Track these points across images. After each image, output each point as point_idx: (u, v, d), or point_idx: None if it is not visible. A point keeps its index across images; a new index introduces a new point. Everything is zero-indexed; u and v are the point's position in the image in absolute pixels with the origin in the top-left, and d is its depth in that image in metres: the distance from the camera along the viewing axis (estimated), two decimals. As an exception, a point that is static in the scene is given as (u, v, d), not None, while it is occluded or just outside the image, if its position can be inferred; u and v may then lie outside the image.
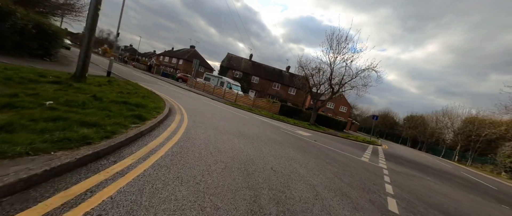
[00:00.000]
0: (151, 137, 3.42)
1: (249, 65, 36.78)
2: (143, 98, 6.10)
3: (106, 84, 6.30)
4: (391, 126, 58.34)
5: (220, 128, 5.76)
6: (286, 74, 37.43)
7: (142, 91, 7.67)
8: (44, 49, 7.79)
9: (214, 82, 26.16)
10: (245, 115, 11.61)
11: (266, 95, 34.56)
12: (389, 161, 8.89)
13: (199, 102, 11.18)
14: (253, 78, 35.08)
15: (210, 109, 9.46)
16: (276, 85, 35.21)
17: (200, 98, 14.66)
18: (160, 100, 7.01)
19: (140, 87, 8.97)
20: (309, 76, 18.51)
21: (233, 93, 22.00)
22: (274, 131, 8.27)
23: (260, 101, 21.39)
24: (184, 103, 8.81)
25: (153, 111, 4.82)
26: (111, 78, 8.17)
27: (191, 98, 12.11)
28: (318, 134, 13.30)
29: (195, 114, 6.97)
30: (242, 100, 21.28)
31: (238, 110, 13.72)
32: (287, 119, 16.66)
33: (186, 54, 45.89)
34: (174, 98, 9.85)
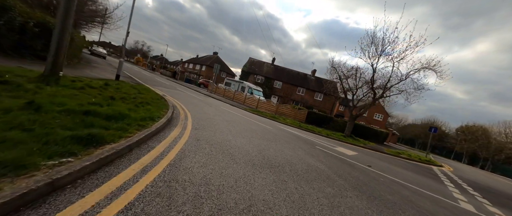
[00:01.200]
0: (79, 191, 1.66)
1: (271, 69, 34.99)
2: (137, 106, 4.63)
3: (95, 88, 5.03)
4: (438, 138, 49.53)
5: (234, 150, 3.87)
6: (311, 78, 34.49)
7: (146, 96, 6.34)
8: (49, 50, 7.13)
9: (235, 87, 24.95)
10: (269, 125, 9.62)
11: (289, 100, 32.09)
12: (497, 204, 5.81)
13: (215, 109, 9.61)
14: (275, 83, 33.07)
15: (227, 118, 7.74)
16: (301, 90, 32.50)
17: (218, 104, 13.22)
18: (162, 107, 5.52)
19: (148, 92, 7.77)
20: (342, 78, 15.68)
21: (254, 98, 20.30)
22: (310, 151, 6.06)
23: (284, 108, 19.18)
24: (196, 111, 7.28)
25: (135, 124, 3.19)
26: (113, 81, 7.08)
27: (207, 105, 10.66)
28: (363, 151, 10.48)
29: (204, 126, 5.25)
30: (264, 106, 19.38)
31: (260, 119, 11.80)
32: (317, 129, 14.08)
33: (209, 60, 46.45)
34: (187, 104, 8.45)
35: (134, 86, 7.66)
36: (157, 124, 3.68)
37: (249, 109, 15.82)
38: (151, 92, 7.86)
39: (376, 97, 14.45)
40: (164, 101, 6.84)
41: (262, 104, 19.62)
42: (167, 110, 5.35)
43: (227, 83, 26.65)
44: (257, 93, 23.66)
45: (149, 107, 4.98)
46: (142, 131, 3.07)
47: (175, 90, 13.62)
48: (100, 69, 12.09)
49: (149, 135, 3.15)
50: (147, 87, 8.90)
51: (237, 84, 25.16)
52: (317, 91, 32.00)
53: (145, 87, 8.59)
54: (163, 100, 7.16)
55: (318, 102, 32.02)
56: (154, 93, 7.76)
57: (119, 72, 8.15)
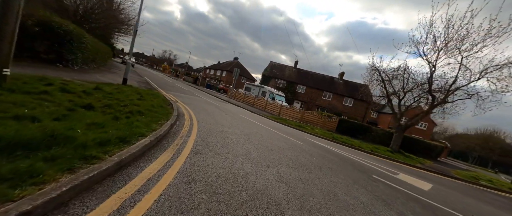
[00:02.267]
0: None
1: (294, 73, 32.82)
2: (117, 118, 3.26)
3: (73, 93, 3.84)
4: (503, 152, 40.45)
5: (255, 203, 2.12)
6: (339, 82, 31.24)
7: (145, 104, 5.09)
8: (56, 52, 6.52)
9: (255, 92, 23.49)
10: (297, 138, 7.68)
11: (314, 106, 29.35)
12: None
13: (232, 118, 8.08)
14: (298, 87, 30.72)
15: (245, 130, 6.09)
16: (327, 95, 29.51)
17: (236, 111, 11.76)
18: (160, 118, 4.14)
19: (154, 98, 6.61)
20: (386, 80, 12.86)
21: (276, 104, 18.46)
22: (373, 189, 3.98)
23: (311, 115, 16.88)
24: (207, 121, 5.80)
25: (95, 152, 1.71)
26: (112, 86, 6.04)
27: (223, 112, 9.22)
28: (430, 177, 7.76)
29: (212, 145, 3.65)
30: (287, 113, 17.38)
31: (285, 129, 9.90)
32: (354, 142, 11.52)
33: (229, 66, 46.36)
34: (199, 111, 7.09)
35: (139, 91, 6.58)
36: (124, 153, 2.16)
37: (271, 117, 14.02)
38: (158, 98, 6.69)
39: (435, 102, 11.25)
40: (169, 109, 5.52)
41: (285, 110, 17.66)
42: (164, 123, 3.91)
43: (247, 88, 25.39)
44: (279, 98, 21.78)
45: (138, 118, 3.60)
46: (100, 163, 1.54)
47: (191, 96, 12.63)
48: (116, 74, 11.72)
49: (108, 175, 1.61)
50: (156, 93, 7.84)
51: (257, 89, 23.69)
52: (346, 95, 28.66)
53: (154, 93, 7.52)
54: (170, 107, 5.87)
55: (347, 108, 28.59)
56: (161, 100, 6.57)
57: (126, 75, 7.26)
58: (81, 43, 7.51)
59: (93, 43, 9.51)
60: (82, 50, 7.85)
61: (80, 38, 7.28)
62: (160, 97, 7.14)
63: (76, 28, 6.98)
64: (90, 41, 8.69)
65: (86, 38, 7.88)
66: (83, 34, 7.53)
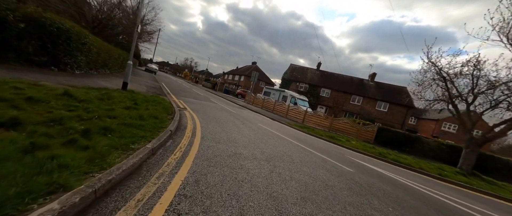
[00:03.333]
0: None
1: (316, 75, 30.23)
2: (66, 145, 1.79)
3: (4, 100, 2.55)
4: None
5: None
6: (370, 84, 27.70)
7: (138, 114, 3.73)
8: (50, 54, 5.68)
9: (275, 96, 21.68)
10: (336, 157, 5.64)
11: (341, 111, 26.28)
12: None
13: (249, 129, 6.41)
14: (322, 91, 28.01)
15: (266, 149, 4.34)
16: (356, 99, 26.22)
17: (255, 119, 10.10)
18: (144, 135, 2.68)
19: (156, 105, 5.32)
20: (447, 79, 9.94)
21: (299, 110, 16.37)
22: None
23: (342, 122, 14.38)
24: (217, 134, 4.21)
25: None
26: (99, 91, 4.83)
27: (239, 121, 7.63)
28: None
29: (212, 193, 1.96)
30: (313, 120, 15.15)
31: (315, 142, 7.87)
32: (410, 160, 8.86)
33: (247, 70, 45.50)
34: (209, 121, 5.58)
35: (136, 98, 5.33)
36: None
37: (295, 125, 12.04)
38: (158, 105, 5.36)
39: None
40: (167, 121, 4.08)
41: (310, 117, 15.46)
42: (138, 149, 2.39)
43: (266, 92, 23.72)
44: (302, 103, 19.62)
45: (95, 141, 2.13)
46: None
47: (206, 102, 11.39)
48: (129, 80, 11.03)
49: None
50: (160, 99, 6.60)
51: (277, 93, 21.86)
52: (380, 99, 25.06)
53: (157, 99, 6.27)
54: (169, 118, 4.45)
55: (382, 113, 24.92)
56: (162, 108, 5.22)
57: (126, 79, 6.17)
58: (82, 44, 6.70)
59: (102, 46, 8.85)
60: (84, 53, 7.06)
61: (80, 38, 6.46)
62: (163, 104, 5.84)
63: (74, 27, 6.15)
64: (96, 44, 7.96)
65: (89, 39, 7.08)
66: (84, 34, 6.72)
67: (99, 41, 8.53)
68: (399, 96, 25.12)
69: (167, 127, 3.67)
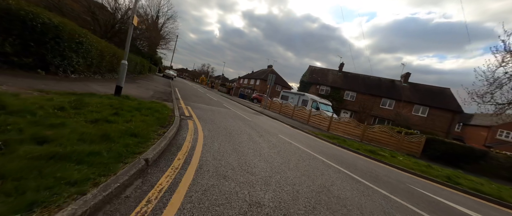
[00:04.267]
0: None
1: (339, 77, 27.65)
2: None
3: None
4: None
5: None
6: (403, 86, 24.32)
7: (103, 130, 2.44)
8: (34, 54, 4.83)
9: (294, 100, 19.85)
10: (398, 193, 3.78)
11: (368, 116, 23.33)
12: None
13: (268, 143, 4.84)
14: (346, 94, 25.32)
15: (293, 181, 2.73)
16: (387, 103, 23.06)
17: (274, 127, 8.51)
18: (112, 165, 1.26)
19: (150, 114, 4.09)
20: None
21: (323, 116, 14.34)
22: None
23: (377, 131, 12.04)
24: (222, 159, 2.74)
25: None
26: (61, 96, 3.66)
27: (255, 131, 6.12)
28: None
29: None
30: (340, 127, 13.02)
31: (348, 156, 5.98)
32: (494, 187, 6.45)
33: (263, 74, 44.21)
34: (216, 136, 4.17)
35: (122, 106, 4.14)
36: None
37: (320, 134, 10.16)
38: (150, 116, 4.11)
39: None
40: (151, 139, 2.74)
41: (336, 124, 13.34)
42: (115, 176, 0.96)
43: (284, 96, 21.98)
44: (324, 107, 17.52)
45: None
46: None
47: (218, 108, 10.15)
48: (137, 87, 10.28)
49: None
50: (158, 107, 5.39)
51: (296, 97, 20.01)
52: (418, 103, 21.65)
53: (154, 107, 5.06)
54: (156, 137, 3.13)
55: (420, 119, 21.44)
56: (155, 120, 3.96)
57: (120, 82, 5.09)
58: (77, 44, 5.86)
59: (107, 49, 8.12)
60: (81, 54, 6.24)
61: (73, 37, 5.62)
62: (160, 113, 4.59)
63: (64, 23, 5.29)
64: (98, 45, 7.18)
65: (87, 38, 6.26)
66: (79, 32, 5.88)
67: (103, 43, 7.81)
68: (442, 99, 21.49)
69: (143, 153, 2.30)
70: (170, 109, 5.71)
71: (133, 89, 7.95)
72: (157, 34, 30.30)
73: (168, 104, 6.36)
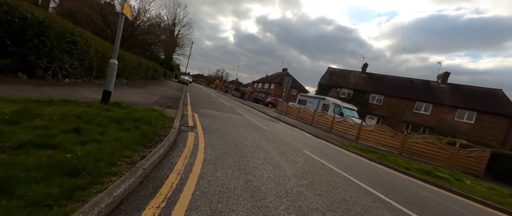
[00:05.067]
0: None
1: (362, 79, 25.16)
2: None
3: None
4: None
5: None
6: (441, 87, 21.14)
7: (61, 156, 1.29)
8: (13, 55, 4.11)
9: (313, 105, 18.07)
10: None
11: (400, 122, 20.53)
12: None
13: (292, 164, 3.45)
14: (372, 97, 22.76)
15: None
16: (423, 107, 20.07)
17: (295, 138, 7.04)
18: None
19: (141, 125, 3.02)
20: None
21: (350, 123, 12.45)
22: None
23: (420, 142, 9.86)
24: (227, 204, 1.47)
25: None
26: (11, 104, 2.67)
27: (273, 145, 4.75)
28: None
29: None
30: (372, 137, 11.04)
31: (400, 180, 4.26)
32: None
33: (278, 77, 42.77)
34: (222, 156, 2.92)
35: (96, 117, 3.10)
36: None
37: (350, 145, 8.43)
38: (136, 129, 3.03)
39: None
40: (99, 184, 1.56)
41: (366, 133, 11.38)
42: None
43: (301, 100, 20.29)
44: (349, 113, 15.52)
45: None
46: None
47: (230, 114, 9.00)
48: (144, 92, 9.58)
49: None
50: (152, 117, 4.34)
51: (315, 101, 18.21)
52: (462, 107, 18.47)
53: (147, 117, 4.01)
54: (119, 173, 1.95)
55: (466, 126, 18.18)
56: (142, 134, 2.88)
57: (107, 87, 4.15)
58: (70, 43, 5.14)
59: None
60: (76, 56, 5.52)
61: (64, 35, 4.89)
62: (151, 125, 3.50)
63: (52, 19, 4.56)
64: (99, 46, 6.49)
65: (83, 37, 5.54)
66: (72, 30, 5.15)
67: (105, 44, 7.17)
68: (494, 102, 18.08)
69: None
70: (170, 118, 4.63)
71: (134, 95, 7.13)
72: (173, 41, 30.87)
73: (168, 112, 5.32)
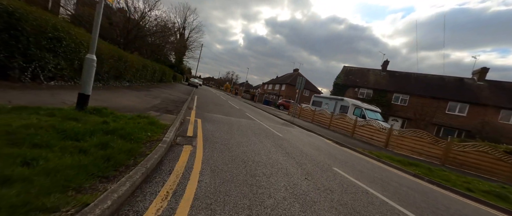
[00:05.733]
0: None
1: (383, 77, 23.05)
2: None
3: None
4: None
5: None
6: (478, 85, 18.57)
7: None
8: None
9: (329, 106, 16.56)
10: None
11: (429, 125, 18.25)
12: None
13: (322, 192, 2.26)
14: (395, 97, 20.63)
15: None
16: (457, 107, 17.68)
17: (314, 145, 5.79)
18: None
19: (115, 140, 2.02)
20: None
21: (375, 127, 10.86)
22: None
23: (470, 151, 8.09)
24: None
25: None
26: None
27: (291, 158, 3.59)
28: None
29: None
30: (405, 144, 9.40)
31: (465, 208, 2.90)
32: None
33: (289, 78, 41.28)
34: (227, 185, 1.85)
35: (21, 136, 2.16)
36: None
37: (381, 154, 6.99)
38: (112, 144, 2.04)
39: None
40: None
41: (398, 139, 9.75)
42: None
43: (316, 102, 18.80)
44: (372, 115, 13.86)
45: None
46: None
47: (238, 119, 7.98)
48: (142, 93, 8.86)
49: None
50: (138, 127, 3.41)
51: (332, 103, 16.68)
52: (507, 107, 15.92)
53: (127, 130, 3.10)
54: None
55: (507, 127, 15.60)
56: (102, 157, 1.85)
57: (84, 89, 3.27)
58: (52, 40, 4.42)
59: (107, 50, 6.79)
60: (62, 55, 4.80)
61: (44, 30, 4.18)
62: (125, 143, 2.55)
63: (26, 8, 3.83)
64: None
65: (69, 33, 4.82)
66: (55, 24, 4.43)
67: (101, 43, 6.48)
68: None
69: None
70: (163, 127, 3.67)
71: (132, 98, 6.33)
72: (183, 43, 30.89)
73: (164, 119, 4.38)
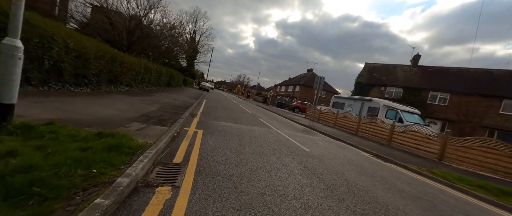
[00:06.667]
0: None
1: (414, 74, 20.24)
2: None
3: None
4: None
5: None
6: (539, 78, 15.21)
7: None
8: None
9: (354, 108, 14.45)
10: None
11: (477, 128, 15.27)
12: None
13: None
14: (431, 97, 17.80)
15: None
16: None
17: (349, 162, 4.05)
18: None
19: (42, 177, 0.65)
20: None
21: (422, 134, 8.71)
22: None
23: None
24: None
25: None
26: None
27: (328, 189, 1.98)
28: None
29: None
30: (470, 157, 7.18)
31: None
32: None
33: (303, 79, 39.15)
34: None
35: None
36: None
37: (445, 174, 5.03)
38: None
39: None
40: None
41: (458, 149, 7.55)
42: None
43: (337, 103, 16.72)
44: (410, 118, 11.60)
45: None
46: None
47: (250, 126, 6.49)
48: (138, 98, 7.75)
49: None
50: (48, 173, 2.04)
51: (357, 104, 14.55)
52: None
53: (17, 176, 1.75)
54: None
55: None
56: None
57: (3, 95, 2.08)
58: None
59: (93, 47, 5.72)
60: (29, 53, 3.73)
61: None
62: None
63: None
64: (78, 43, 4.70)
65: (33, 24, 3.74)
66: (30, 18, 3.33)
67: (85, 39, 5.42)
68: None
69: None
70: (133, 152, 2.30)
71: (118, 105, 5.11)
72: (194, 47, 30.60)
73: (145, 135, 3.01)
